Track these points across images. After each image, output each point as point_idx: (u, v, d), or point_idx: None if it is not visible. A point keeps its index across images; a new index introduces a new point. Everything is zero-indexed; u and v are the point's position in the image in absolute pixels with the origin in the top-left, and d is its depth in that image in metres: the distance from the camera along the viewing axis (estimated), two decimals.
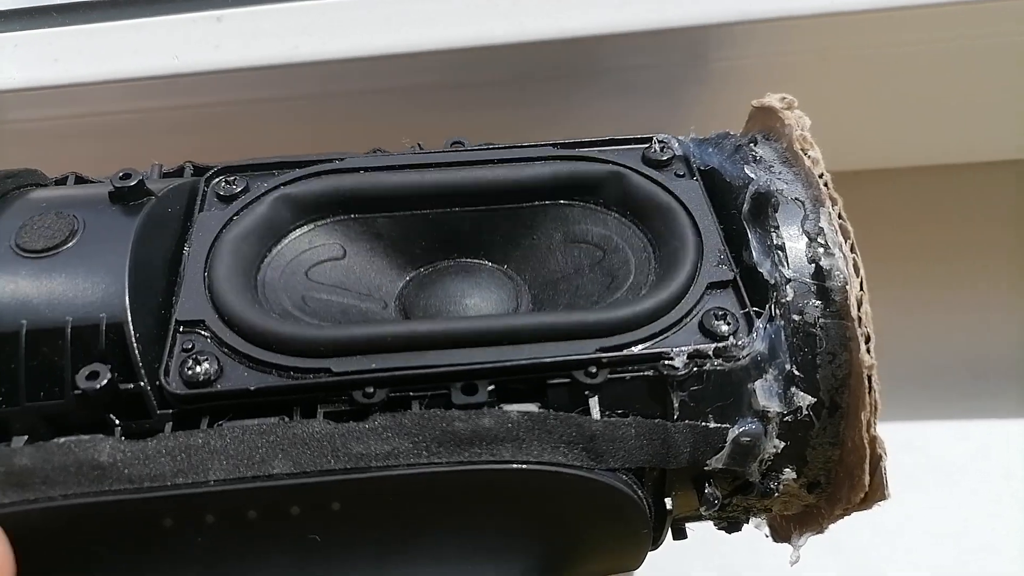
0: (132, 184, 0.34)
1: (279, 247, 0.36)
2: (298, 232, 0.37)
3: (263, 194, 0.37)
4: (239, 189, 0.37)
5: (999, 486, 0.53)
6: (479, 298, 0.37)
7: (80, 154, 0.49)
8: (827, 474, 0.34)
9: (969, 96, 0.52)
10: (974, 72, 0.49)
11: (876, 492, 0.32)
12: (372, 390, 0.30)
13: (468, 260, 0.39)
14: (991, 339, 0.58)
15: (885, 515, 0.48)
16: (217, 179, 0.38)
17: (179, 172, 0.39)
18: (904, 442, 0.52)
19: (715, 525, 0.38)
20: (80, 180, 0.39)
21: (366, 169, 0.38)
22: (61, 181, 0.39)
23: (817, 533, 0.36)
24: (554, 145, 0.39)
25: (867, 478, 0.32)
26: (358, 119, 0.49)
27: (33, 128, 0.49)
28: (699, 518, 0.37)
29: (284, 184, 0.37)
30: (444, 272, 0.39)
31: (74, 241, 0.32)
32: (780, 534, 0.39)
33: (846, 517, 0.35)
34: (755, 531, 0.37)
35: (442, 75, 0.46)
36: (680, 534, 0.37)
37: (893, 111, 0.53)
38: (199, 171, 0.39)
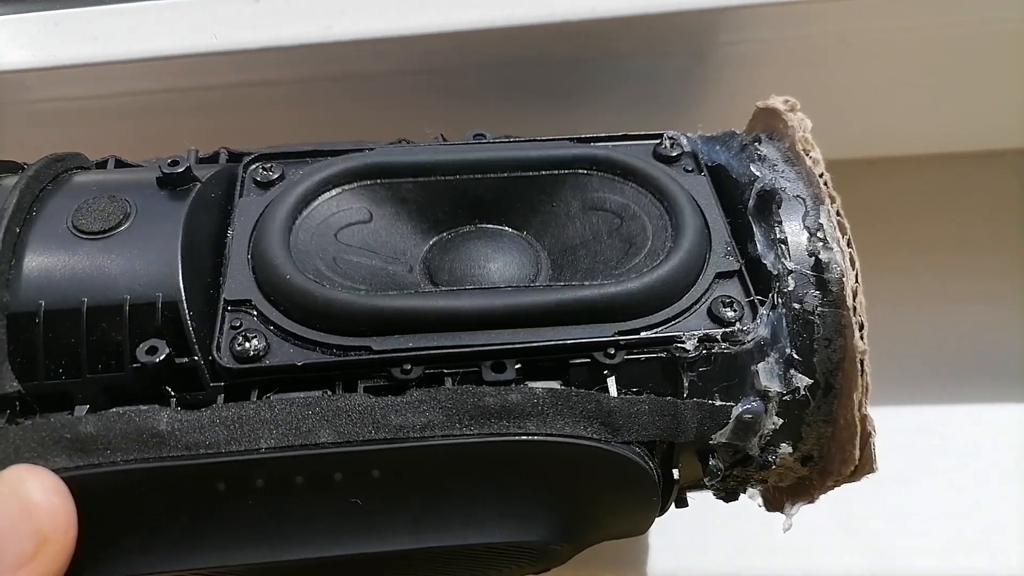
0: (180, 171, 0.36)
1: (308, 210, 0.38)
2: (326, 195, 0.39)
3: (299, 178, 0.39)
4: (276, 176, 0.39)
5: (1012, 468, 0.54)
6: (501, 262, 0.39)
7: (117, 132, 0.50)
8: (820, 449, 0.37)
9: (977, 83, 0.53)
10: (984, 58, 0.51)
11: (865, 465, 0.35)
12: (409, 367, 0.33)
13: (489, 226, 0.41)
14: (1004, 324, 0.59)
15: (899, 497, 0.51)
16: (254, 165, 0.40)
17: (214, 157, 0.41)
18: (919, 426, 0.55)
19: (714, 495, 0.41)
20: (120, 163, 0.41)
21: (396, 154, 0.40)
22: (102, 164, 0.41)
23: (808, 503, 0.39)
24: (570, 140, 0.42)
25: (857, 452, 0.35)
26: (387, 100, 0.51)
27: (72, 107, 0.50)
28: (701, 487, 0.40)
29: (319, 170, 0.39)
30: (467, 237, 0.41)
31: (128, 224, 0.35)
32: (773, 504, 0.42)
33: (835, 488, 0.38)
34: (768, 513, 0.39)
35: (473, 56, 0.48)
36: (682, 503, 0.41)
37: (902, 98, 0.54)
38: (234, 157, 0.42)
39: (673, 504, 0.39)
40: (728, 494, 0.41)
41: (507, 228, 0.41)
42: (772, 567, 0.50)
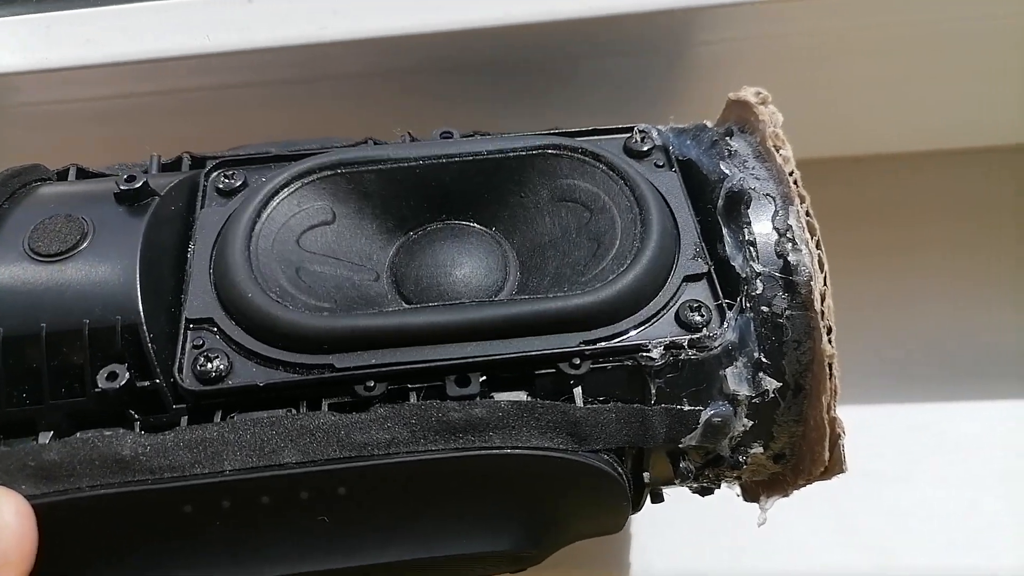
0: (137, 187, 0.35)
1: (268, 210, 0.37)
2: (286, 192, 0.38)
3: (259, 187, 0.38)
4: (238, 184, 0.39)
5: (1009, 466, 0.54)
6: (469, 268, 0.38)
7: (110, 135, 0.50)
8: (791, 447, 0.37)
9: (958, 79, 0.53)
10: (960, 54, 0.50)
11: (835, 466, 0.35)
12: (372, 384, 0.33)
13: (457, 222, 0.41)
14: (1001, 321, 0.58)
15: (897, 495, 0.51)
16: (216, 173, 0.39)
17: (177, 163, 0.41)
18: (916, 424, 0.54)
19: (690, 490, 0.41)
20: (82, 172, 0.40)
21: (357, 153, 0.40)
22: (63, 174, 0.40)
23: (783, 496, 0.40)
24: (539, 134, 0.41)
25: (827, 454, 0.35)
26: (383, 99, 0.50)
27: (64, 109, 0.50)
28: (675, 484, 0.40)
29: (278, 185, 0.38)
30: (433, 238, 0.40)
31: (85, 244, 0.34)
32: (750, 494, 0.42)
33: (809, 485, 0.38)
34: (763, 512, 0.40)
35: (468, 55, 0.47)
36: (657, 498, 0.41)
37: (887, 94, 0.54)
38: (197, 162, 0.41)
39: (648, 499, 0.40)
40: (703, 490, 0.41)
41: (475, 224, 0.40)
42: (770, 566, 0.50)
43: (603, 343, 0.34)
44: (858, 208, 0.36)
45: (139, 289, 0.33)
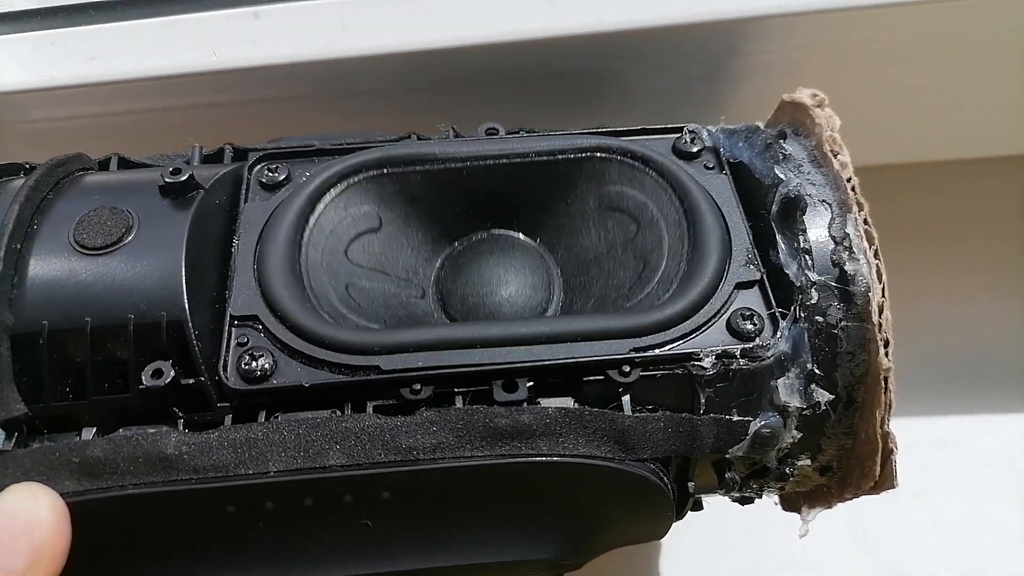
0: (183, 180, 0.35)
1: (315, 215, 0.37)
2: (333, 193, 0.38)
3: (305, 181, 0.38)
4: (282, 178, 0.38)
5: (1020, 480, 0.53)
6: (514, 288, 0.38)
7: (118, 150, 0.49)
8: (839, 460, 0.36)
9: (964, 91, 0.52)
10: (991, 65, 0.49)
11: (886, 481, 0.35)
12: (419, 387, 0.32)
13: (501, 232, 0.40)
14: (1012, 333, 0.58)
15: (915, 510, 0.51)
16: (259, 166, 0.39)
17: (219, 154, 0.40)
18: (933, 438, 0.54)
19: (731, 499, 0.41)
20: (123, 161, 0.40)
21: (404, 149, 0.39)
22: (104, 163, 0.40)
23: (827, 508, 0.39)
24: (588, 134, 0.40)
25: (878, 469, 0.34)
26: (394, 114, 0.49)
27: (72, 126, 0.50)
28: (718, 493, 0.39)
29: (324, 172, 0.38)
30: (479, 251, 0.40)
31: (130, 237, 0.34)
32: (789, 504, 0.42)
33: (856, 498, 0.37)
34: (783, 524, 0.39)
35: (477, 71, 0.47)
36: (698, 506, 0.40)
37: (909, 105, 0.53)
38: (239, 153, 0.40)
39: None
40: (743, 499, 0.40)
41: (519, 235, 0.40)
42: None
43: (654, 351, 0.33)
44: (875, 217, 0.35)
45: (184, 285, 0.33)
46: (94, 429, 0.32)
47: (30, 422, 0.32)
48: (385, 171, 0.38)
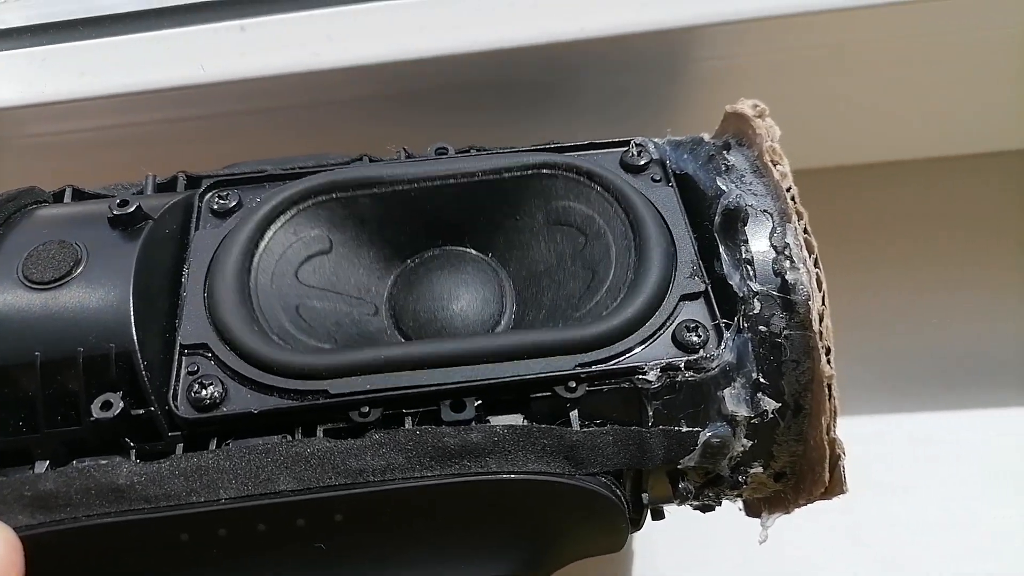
0: (130, 211, 0.35)
1: (265, 240, 0.37)
2: (283, 219, 0.38)
3: (255, 207, 0.38)
4: (233, 204, 0.38)
5: (1017, 474, 0.53)
6: (465, 302, 0.39)
7: (110, 163, 0.50)
8: (792, 467, 0.36)
9: (951, 88, 0.53)
10: (953, 66, 0.50)
11: (835, 487, 0.35)
12: (367, 409, 0.32)
13: (453, 248, 0.41)
14: (1004, 330, 0.58)
15: (905, 506, 0.51)
16: (210, 194, 0.39)
17: (172, 183, 0.41)
18: (923, 434, 0.54)
19: (691, 507, 0.41)
20: (78, 193, 0.40)
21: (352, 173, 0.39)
22: (59, 196, 0.40)
23: (785, 513, 0.39)
24: (536, 149, 0.41)
25: (827, 475, 0.34)
26: (380, 123, 0.50)
27: (64, 140, 0.50)
28: (675, 503, 0.40)
29: (274, 198, 0.38)
30: (431, 267, 0.40)
31: (79, 270, 0.34)
32: (752, 510, 0.42)
33: (810, 504, 0.37)
34: (765, 530, 0.39)
35: (467, 77, 0.47)
36: (658, 515, 0.40)
37: (889, 104, 0.53)
38: (192, 181, 0.41)
39: (649, 516, 0.39)
40: (704, 507, 0.41)
41: (471, 250, 0.40)
42: None
43: (599, 366, 0.33)
44: (857, 218, 0.35)
45: (133, 317, 0.33)
46: (47, 462, 0.32)
47: None
48: (334, 196, 0.39)
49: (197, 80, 0.47)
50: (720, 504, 0.40)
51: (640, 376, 0.33)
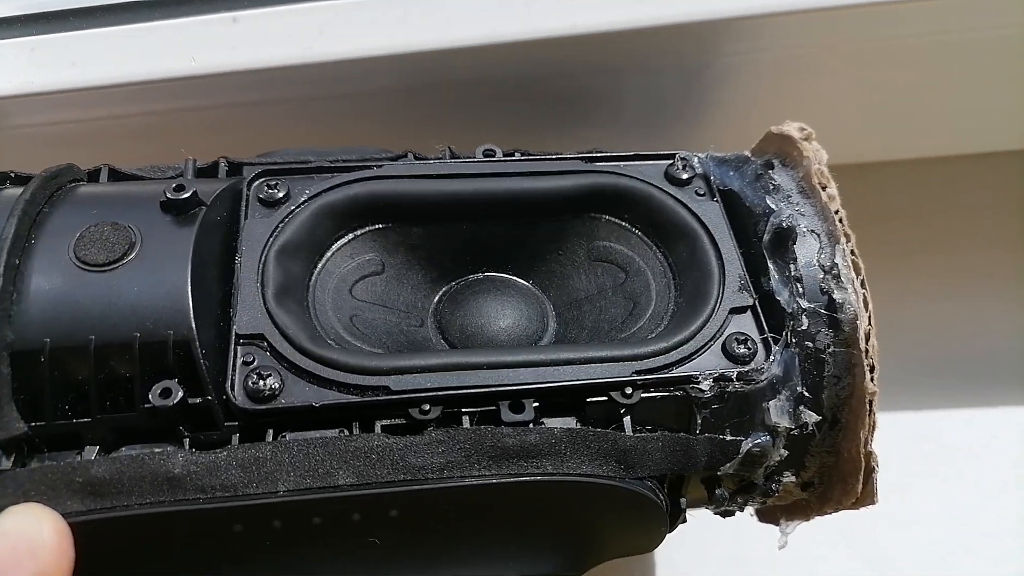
0: (186, 196, 0.35)
1: (324, 261, 0.39)
2: (340, 243, 0.39)
3: (305, 201, 0.38)
4: (281, 195, 0.38)
5: (1010, 473, 0.54)
6: (511, 318, 0.40)
7: (102, 156, 0.48)
8: (821, 476, 0.38)
9: (976, 86, 0.54)
10: (985, 62, 0.51)
11: (867, 498, 0.37)
12: (428, 407, 0.33)
13: (496, 274, 0.42)
14: (1000, 329, 0.59)
15: (899, 505, 0.50)
16: (259, 182, 0.39)
17: (214, 168, 0.40)
18: (917, 432, 0.55)
19: (713, 512, 0.42)
20: (114, 173, 0.39)
21: (402, 177, 0.39)
22: (94, 174, 0.39)
23: (805, 521, 0.41)
24: (582, 158, 0.41)
25: (860, 486, 0.36)
26: (373, 118, 0.50)
27: (50, 132, 0.49)
28: (707, 508, 0.41)
29: (325, 192, 0.38)
30: (475, 289, 0.41)
31: (133, 254, 0.33)
32: (767, 516, 0.44)
33: (836, 513, 0.39)
34: (784, 536, 0.41)
35: (458, 74, 0.47)
36: (683, 519, 0.41)
37: (903, 103, 0.55)
38: (233, 167, 0.40)
39: None
40: (725, 513, 0.42)
41: (513, 277, 0.42)
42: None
43: (655, 374, 0.34)
44: (859, 216, 0.36)
45: (191, 304, 0.32)
46: (96, 448, 0.31)
47: (30, 441, 0.31)
48: (390, 225, 0.40)
49: (188, 72, 0.46)
50: (743, 510, 0.42)
51: (693, 385, 0.34)
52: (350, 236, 0.39)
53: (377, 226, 0.40)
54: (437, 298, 0.41)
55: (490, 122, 0.44)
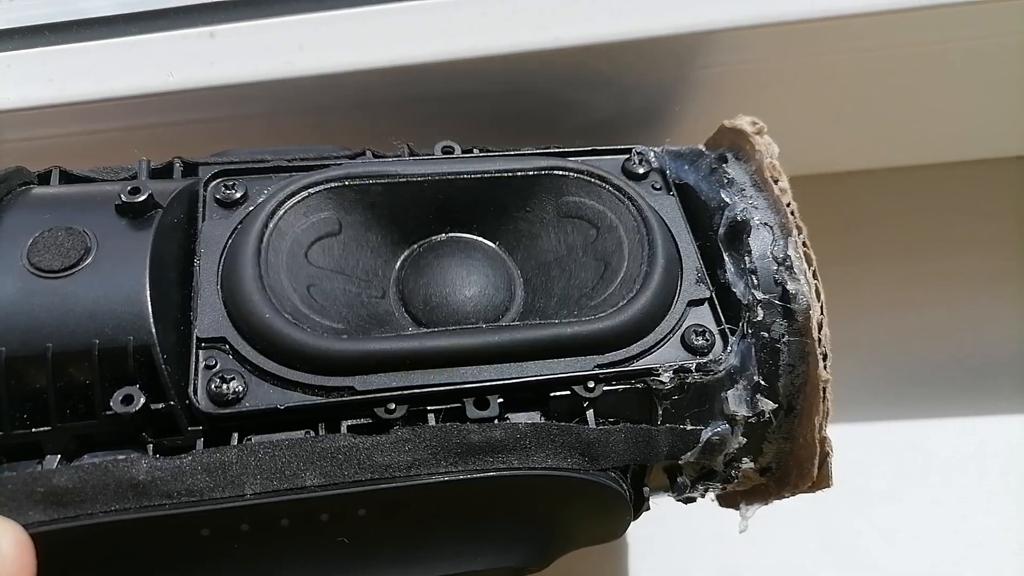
0: (142, 199, 0.34)
1: (275, 220, 0.37)
2: (294, 200, 0.38)
3: (263, 201, 0.37)
4: (239, 195, 0.38)
5: (997, 482, 0.55)
6: (476, 288, 0.39)
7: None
8: (778, 462, 0.39)
9: (954, 96, 0.55)
10: (956, 73, 0.52)
11: (823, 481, 0.38)
12: (393, 406, 0.33)
13: (460, 235, 0.41)
14: (989, 336, 0.59)
15: (885, 514, 0.52)
16: (215, 183, 0.38)
17: (168, 169, 0.39)
18: (903, 441, 0.55)
19: (674, 499, 0.43)
20: (65, 175, 0.39)
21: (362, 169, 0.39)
22: (44, 177, 0.38)
23: (764, 505, 0.42)
24: (539, 153, 0.42)
25: (815, 470, 0.37)
26: (353, 131, 0.49)
27: (27, 147, 0.48)
28: (669, 495, 0.42)
29: (283, 191, 0.38)
30: (439, 252, 0.40)
31: (89, 259, 0.33)
32: (727, 501, 0.45)
33: (792, 497, 0.40)
34: (755, 529, 0.41)
35: (434, 87, 0.47)
36: (646, 507, 0.42)
37: (888, 112, 0.55)
38: (188, 168, 0.40)
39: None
40: (687, 499, 0.43)
41: (479, 238, 0.41)
42: None
43: (617, 367, 0.35)
44: (849, 224, 0.37)
45: (151, 308, 0.32)
46: (58, 456, 0.31)
47: None
48: (346, 184, 0.39)
49: (166, 87, 0.46)
50: (704, 497, 0.43)
51: (655, 377, 0.35)
52: (304, 194, 0.38)
53: (333, 185, 0.38)
54: (399, 264, 0.40)
55: (464, 133, 0.44)
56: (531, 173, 0.40)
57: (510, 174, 0.40)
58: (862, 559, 0.52)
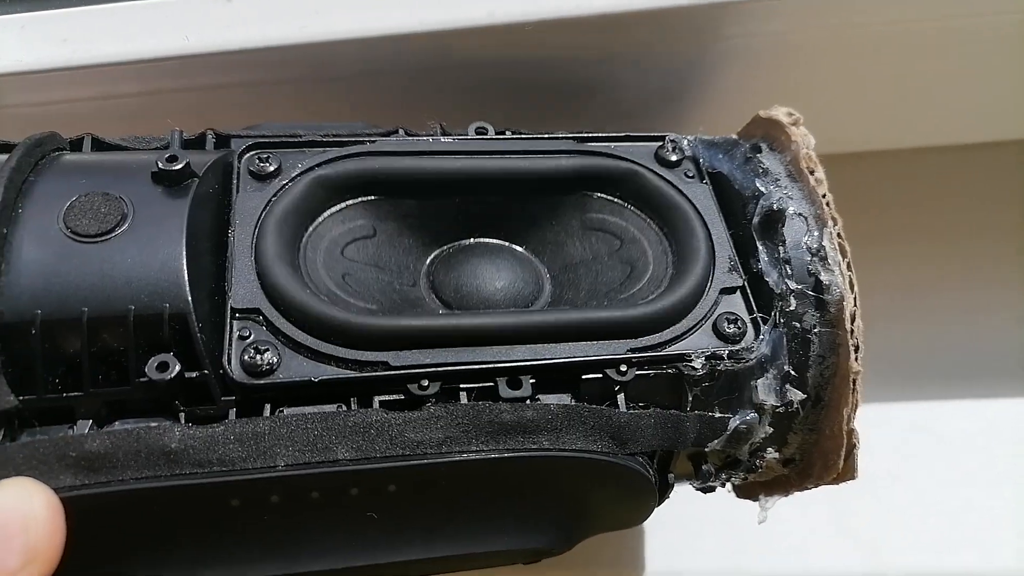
0: (179, 167, 0.34)
1: (315, 226, 0.38)
2: (331, 210, 0.39)
3: (298, 175, 0.37)
4: (272, 168, 0.38)
5: (1004, 464, 0.55)
6: (505, 279, 0.39)
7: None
8: (802, 453, 0.39)
9: (978, 74, 0.54)
10: (988, 50, 0.51)
11: (847, 473, 0.38)
12: (427, 383, 0.33)
13: (488, 240, 0.42)
14: (998, 319, 0.59)
15: (892, 495, 0.53)
16: (250, 155, 0.38)
17: (201, 140, 0.39)
18: (911, 423, 0.56)
19: (694, 487, 0.43)
20: (97, 142, 0.38)
21: (396, 153, 0.39)
22: (76, 144, 0.38)
23: (783, 496, 0.42)
24: (573, 138, 0.42)
25: (841, 462, 0.37)
26: (367, 101, 0.49)
27: (41, 112, 0.47)
28: (692, 483, 0.42)
29: (318, 166, 0.38)
30: (468, 251, 0.41)
31: (126, 225, 0.33)
32: (745, 492, 0.45)
33: (815, 488, 0.40)
34: (764, 511, 0.41)
35: (455, 56, 0.47)
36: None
37: (903, 91, 0.55)
38: (221, 140, 0.39)
39: None
40: (706, 488, 0.43)
41: (506, 243, 0.42)
42: (767, 566, 0.51)
43: (651, 352, 0.35)
44: (856, 205, 0.37)
45: (187, 277, 0.32)
46: (89, 422, 0.31)
47: (21, 415, 0.30)
48: (382, 198, 0.39)
49: (181, 51, 0.45)
50: (724, 486, 0.43)
51: (686, 363, 0.35)
52: (341, 205, 0.39)
53: (369, 198, 0.39)
54: (429, 260, 0.41)
55: (485, 107, 0.44)
56: (557, 196, 0.41)
57: (539, 177, 0.40)
58: (868, 540, 0.52)
